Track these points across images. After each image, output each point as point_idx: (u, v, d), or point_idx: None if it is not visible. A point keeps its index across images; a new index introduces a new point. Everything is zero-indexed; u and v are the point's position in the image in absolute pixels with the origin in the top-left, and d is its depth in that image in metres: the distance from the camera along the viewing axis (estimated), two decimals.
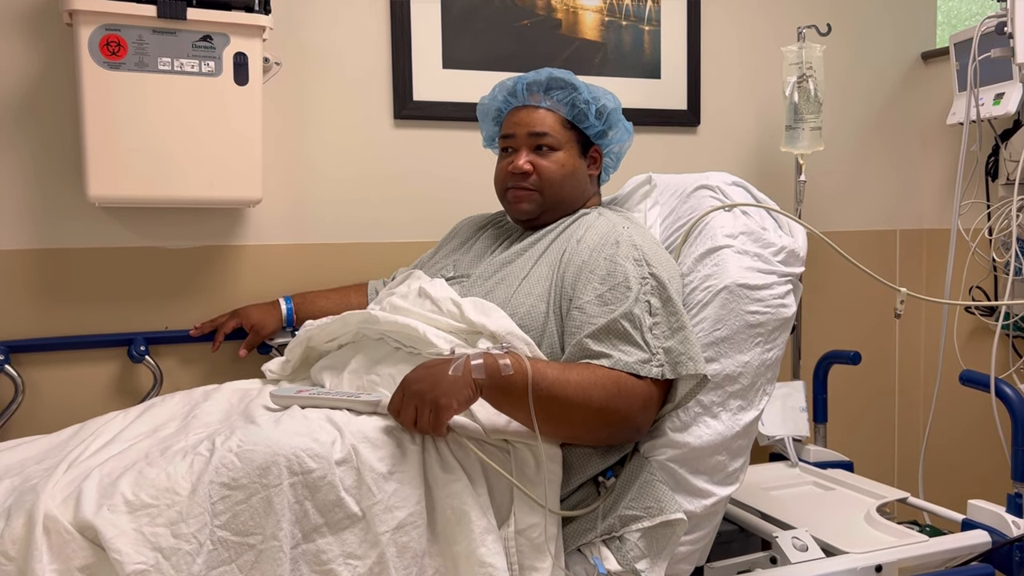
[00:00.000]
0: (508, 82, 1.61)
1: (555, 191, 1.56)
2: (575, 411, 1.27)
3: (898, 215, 2.58)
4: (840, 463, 2.12)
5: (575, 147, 1.58)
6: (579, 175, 1.59)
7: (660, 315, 1.35)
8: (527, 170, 1.54)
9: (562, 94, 1.57)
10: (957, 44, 2.26)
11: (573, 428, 1.30)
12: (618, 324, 1.33)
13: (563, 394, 1.25)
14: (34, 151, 1.76)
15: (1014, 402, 1.73)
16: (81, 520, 1.05)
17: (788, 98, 2.17)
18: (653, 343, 1.33)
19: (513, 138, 1.58)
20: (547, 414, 1.24)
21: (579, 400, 1.26)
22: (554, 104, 1.57)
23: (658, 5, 2.24)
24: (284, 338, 1.84)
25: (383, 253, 2.00)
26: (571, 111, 1.57)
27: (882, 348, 2.56)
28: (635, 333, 1.32)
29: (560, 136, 1.56)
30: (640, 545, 1.33)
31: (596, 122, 1.58)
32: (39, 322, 1.78)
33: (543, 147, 1.55)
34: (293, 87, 1.93)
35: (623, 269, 1.38)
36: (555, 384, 1.25)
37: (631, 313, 1.33)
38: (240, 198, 1.77)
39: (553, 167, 1.55)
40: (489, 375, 1.22)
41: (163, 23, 1.62)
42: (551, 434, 1.29)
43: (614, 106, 1.60)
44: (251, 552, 1.10)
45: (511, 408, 1.26)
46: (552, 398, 1.24)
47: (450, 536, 1.21)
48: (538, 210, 1.57)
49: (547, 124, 1.56)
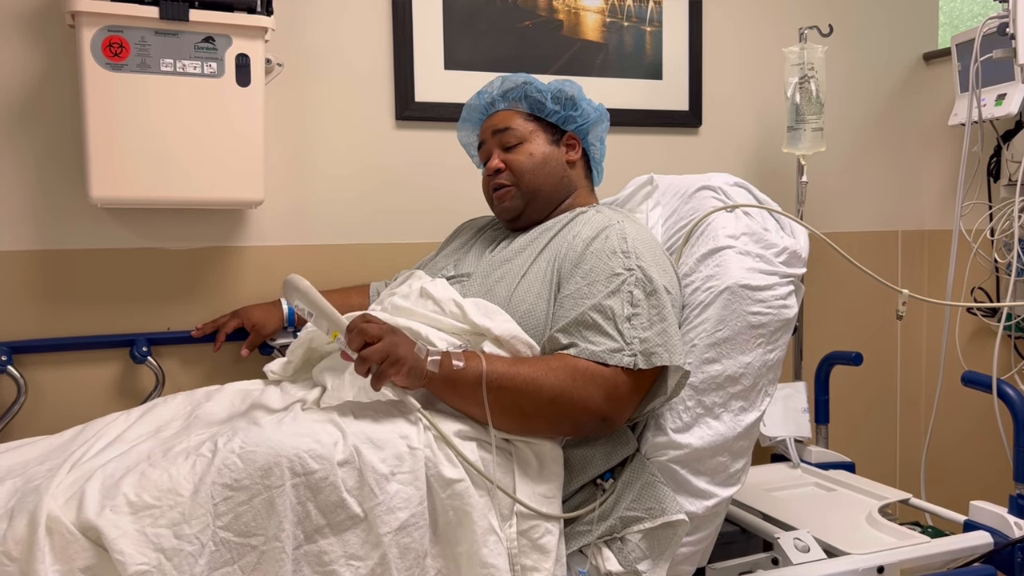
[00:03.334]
0: (472, 100, 1.67)
1: (529, 180, 1.57)
2: (525, 401, 1.28)
3: (900, 216, 2.58)
4: (842, 464, 2.12)
5: (543, 135, 1.60)
6: (553, 162, 1.60)
7: (642, 307, 1.35)
8: (499, 167, 1.58)
9: (516, 91, 1.61)
10: (959, 45, 2.26)
11: (528, 419, 1.31)
12: (587, 316, 1.33)
13: (511, 385, 1.27)
14: (36, 152, 1.76)
15: (1016, 403, 1.73)
16: (84, 521, 1.05)
17: (790, 99, 2.17)
18: (628, 333, 1.32)
19: (484, 144, 1.63)
20: (499, 406, 1.27)
21: (529, 389, 1.27)
22: (511, 103, 1.62)
23: (660, 6, 2.24)
24: (285, 338, 1.84)
25: (385, 254, 2.01)
26: (528, 104, 1.61)
27: (884, 349, 2.56)
28: (606, 324, 1.33)
29: (523, 128, 1.59)
30: (641, 546, 1.33)
31: (556, 107, 1.60)
32: (41, 323, 1.78)
33: (510, 144, 1.59)
34: (295, 88, 1.93)
35: (606, 263, 1.39)
36: (504, 376, 1.27)
37: (602, 305, 1.34)
38: (242, 199, 1.77)
39: (521, 158, 1.58)
40: (442, 367, 1.26)
41: (165, 24, 1.62)
42: (508, 427, 1.30)
43: (573, 90, 1.62)
44: (253, 553, 1.11)
45: (462, 401, 1.29)
46: (501, 388, 1.27)
47: (452, 537, 1.21)
48: (521, 205, 1.58)
49: (508, 120, 1.60)
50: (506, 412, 1.28)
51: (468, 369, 1.27)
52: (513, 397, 1.28)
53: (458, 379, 1.27)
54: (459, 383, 1.27)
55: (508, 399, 1.28)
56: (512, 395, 1.28)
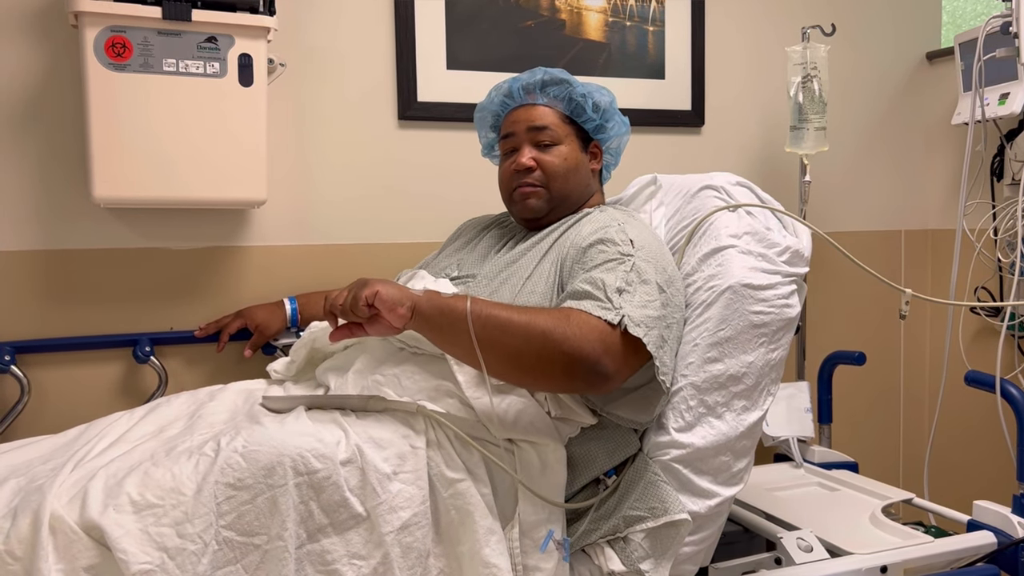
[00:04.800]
0: (503, 84, 1.61)
1: (560, 185, 1.55)
2: (517, 335, 1.21)
3: (903, 215, 2.57)
4: (845, 464, 2.12)
5: (576, 141, 1.58)
6: (582, 169, 1.58)
7: (634, 287, 1.31)
8: (531, 166, 1.54)
9: (558, 89, 1.57)
10: (962, 44, 2.26)
11: (519, 357, 1.22)
12: (577, 287, 1.30)
13: (503, 317, 1.21)
14: (39, 152, 1.76)
15: (1019, 402, 1.73)
16: (87, 520, 1.05)
17: (792, 98, 2.17)
18: (616, 300, 1.27)
19: (513, 136, 1.57)
20: (488, 340, 1.20)
21: (520, 322, 1.21)
22: (551, 100, 1.57)
23: (662, 6, 2.24)
24: (289, 338, 1.84)
25: (387, 254, 2.01)
26: (568, 105, 1.57)
27: (887, 349, 2.56)
28: (597, 292, 1.28)
29: (560, 130, 1.56)
30: (644, 546, 1.33)
31: (594, 115, 1.57)
32: (44, 323, 1.78)
33: (544, 143, 1.55)
34: (298, 88, 1.94)
35: (604, 253, 1.37)
36: (493, 311, 1.22)
37: (593, 276, 1.31)
38: (245, 199, 1.77)
39: (556, 161, 1.54)
40: (427, 296, 1.23)
41: (168, 24, 1.62)
42: (496, 367, 1.23)
43: (609, 100, 1.60)
44: (256, 552, 1.11)
45: (452, 336, 1.23)
46: (490, 319, 1.21)
47: (454, 536, 1.22)
48: (546, 207, 1.56)
49: (547, 119, 1.55)
50: (495, 348, 1.21)
51: (456, 300, 1.22)
52: (502, 329, 1.21)
53: (445, 309, 1.22)
54: (446, 313, 1.21)
55: (496, 332, 1.21)
56: (500, 327, 1.21)
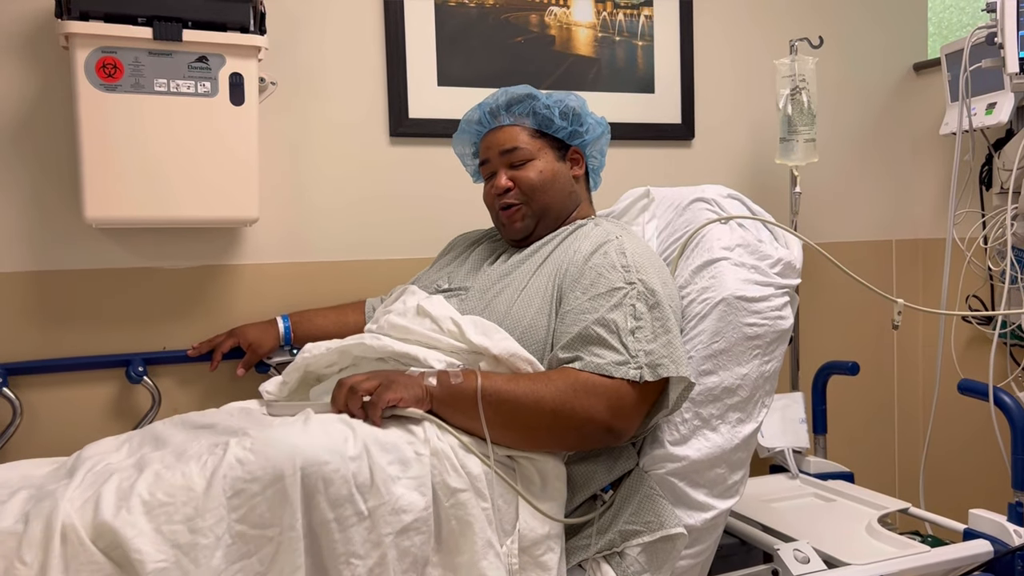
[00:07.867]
0: (471, 113, 1.64)
1: (539, 197, 1.56)
2: (526, 414, 1.28)
3: (893, 225, 2.59)
4: (840, 474, 2.12)
5: (550, 152, 1.59)
6: (561, 179, 1.60)
7: (645, 319, 1.34)
8: (508, 186, 1.56)
9: (521, 107, 1.59)
10: (948, 55, 2.28)
11: (531, 432, 1.30)
12: (590, 330, 1.33)
13: (510, 398, 1.27)
14: (31, 173, 1.76)
15: (1013, 410, 1.73)
16: (100, 523, 1.05)
17: (782, 110, 2.18)
18: (633, 346, 1.31)
19: (488, 162, 1.61)
20: (500, 420, 1.27)
21: (528, 402, 1.27)
22: (517, 119, 1.59)
23: (651, 21, 2.25)
24: (282, 357, 1.84)
25: (380, 271, 2.00)
26: (535, 120, 1.59)
27: (880, 358, 2.57)
28: (611, 337, 1.32)
29: (531, 146, 1.57)
30: (640, 560, 1.32)
31: (563, 123, 1.59)
32: (36, 344, 1.77)
33: (516, 163, 1.57)
34: (289, 106, 1.94)
35: (606, 278, 1.38)
36: (501, 390, 1.27)
37: (605, 319, 1.33)
38: (237, 218, 1.77)
39: (531, 175, 1.56)
40: (439, 383, 1.27)
41: (159, 45, 1.62)
42: (512, 442, 1.30)
43: (578, 104, 1.61)
44: (270, 545, 1.11)
45: (464, 417, 1.28)
46: (500, 402, 1.27)
47: (454, 546, 1.22)
48: (532, 224, 1.58)
49: (516, 139, 1.58)
50: (507, 426, 1.28)
51: (466, 383, 1.27)
52: (512, 410, 1.27)
53: (457, 393, 1.27)
54: (459, 397, 1.27)
55: (507, 412, 1.27)
56: (511, 408, 1.27)
